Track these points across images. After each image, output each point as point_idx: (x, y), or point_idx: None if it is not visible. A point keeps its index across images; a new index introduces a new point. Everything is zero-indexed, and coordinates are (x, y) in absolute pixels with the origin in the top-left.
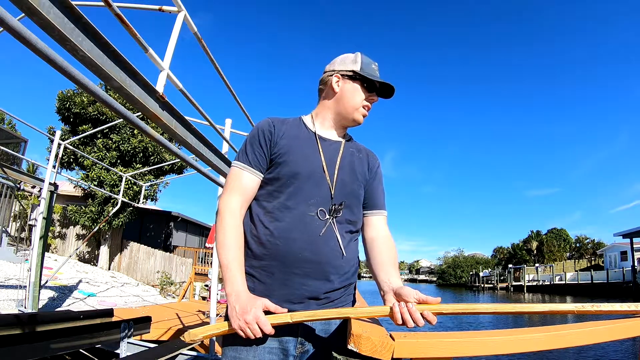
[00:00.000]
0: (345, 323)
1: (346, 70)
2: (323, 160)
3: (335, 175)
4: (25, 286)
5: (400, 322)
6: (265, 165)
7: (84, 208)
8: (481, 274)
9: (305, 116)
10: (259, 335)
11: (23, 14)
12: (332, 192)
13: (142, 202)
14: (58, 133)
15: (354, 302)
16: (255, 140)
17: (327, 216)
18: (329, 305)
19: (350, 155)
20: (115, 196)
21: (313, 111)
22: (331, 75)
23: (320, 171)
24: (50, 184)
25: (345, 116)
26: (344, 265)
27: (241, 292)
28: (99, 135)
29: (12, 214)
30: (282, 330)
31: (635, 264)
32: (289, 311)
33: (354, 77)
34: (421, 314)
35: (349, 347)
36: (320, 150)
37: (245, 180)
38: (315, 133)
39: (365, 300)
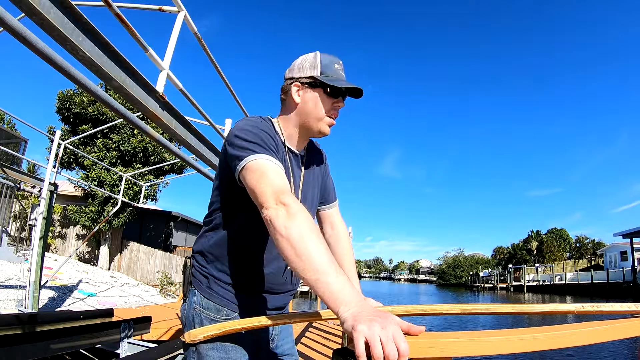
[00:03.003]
0: None
1: (305, 77)
2: (292, 177)
3: (300, 192)
4: (25, 286)
5: None
6: None
7: (84, 208)
8: (481, 274)
9: (274, 121)
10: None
11: (23, 14)
12: None
13: (142, 202)
14: (58, 133)
15: None
16: (269, 141)
17: None
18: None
19: (311, 162)
20: (115, 196)
21: (279, 119)
22: (291, 84)
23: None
24: (50, 183)
25: (310, 129)
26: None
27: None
28: (99, 135)
29: (12, 214)
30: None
31: (635, 264)
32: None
33: (314, 84)
34: None
35: (349, 347)
36: (290, 165)
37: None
38: (285, 144)
39: None
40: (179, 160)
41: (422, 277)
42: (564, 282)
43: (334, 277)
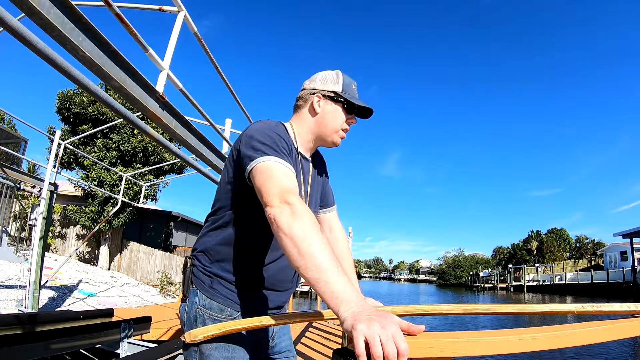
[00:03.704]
0: None
1: (327, 91)
2: (302, 180)
3: (308, 197)
4: (25, 286)
5: None
6: None
7: (84, 208)
8: (481, 274)
9: (287, 125)
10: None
11: (23, 14)
12: None
13: (142, 202)
14: (58, 133)
15: None
16: (283, 144)
17: None
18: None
19: (317, 168)
20: (115, 196)
21: (293, 124)
22: (312, 94)
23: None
24: (50, 183)
25: (324, 138)
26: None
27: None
28: (99, 135)
29: (12, 214)
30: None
31: (635, 264)
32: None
33: (335, 98)
34: None
35: (349, 347)
36: (301, 170)
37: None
38: (297, 150)
39: None
40: (179, 160)
41: (422, 277)
42: (564, 282)
43: (335, 276)
